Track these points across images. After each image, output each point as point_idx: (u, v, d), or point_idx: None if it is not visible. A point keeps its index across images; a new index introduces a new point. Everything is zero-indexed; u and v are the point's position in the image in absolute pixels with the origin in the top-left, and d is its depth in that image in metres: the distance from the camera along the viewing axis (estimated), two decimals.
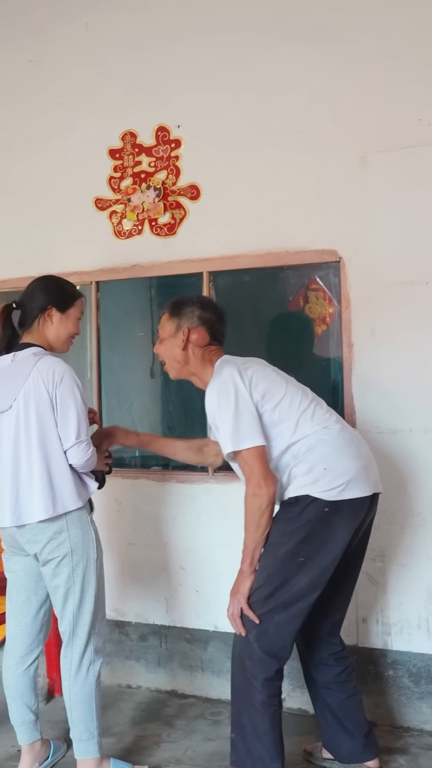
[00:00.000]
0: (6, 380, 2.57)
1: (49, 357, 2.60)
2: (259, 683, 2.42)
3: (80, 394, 2.57)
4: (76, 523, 2.57)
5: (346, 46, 3.09)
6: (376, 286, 3.06)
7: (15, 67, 3.75)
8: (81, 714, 2.60)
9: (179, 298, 2.74)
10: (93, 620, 2.61)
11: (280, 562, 2.43)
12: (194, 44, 3.36)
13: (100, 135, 3.55)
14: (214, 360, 2.66)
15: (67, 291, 2.72)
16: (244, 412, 2.44)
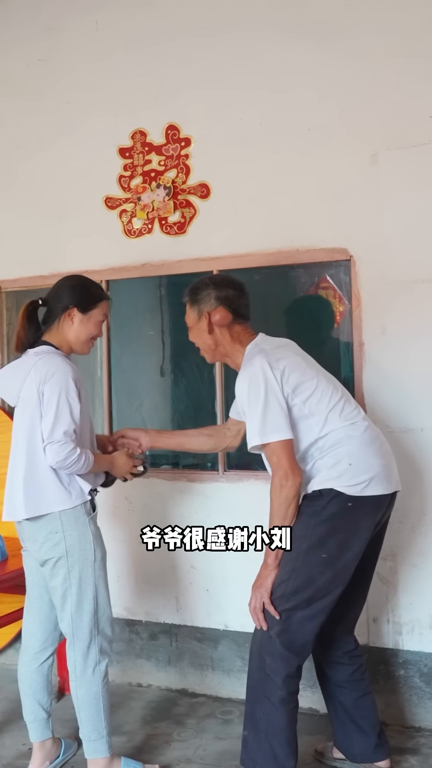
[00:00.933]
0: (12, 378, 2.63)
1: (52, 356, 2.58)
2: (279, 679, 2.42)
3: (69, 394, 2.51)
4: (72, 523, 2.55)
5: (356, 43, 3.08)
6: (387, 284, 3.04)
7: (25, 65, 3.75)
8: (89, 714, 2.60)
9: (195, 284, 2.72)
10: (94, 622, 2.60)
11: (304, 557, 2.42)
12: (204, 42, 3.35)
13: (110, 133, 3.55)
14: (244, 340, 2.65)
15: (91, 292, 2.70)
16: (273, 404, 2.43)
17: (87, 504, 2.59)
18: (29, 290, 3.78)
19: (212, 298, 2.65)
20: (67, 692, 3.42)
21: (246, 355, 2.60)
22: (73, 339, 2.68)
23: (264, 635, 2.46)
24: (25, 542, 2.65)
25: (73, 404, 2.51)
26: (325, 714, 3.12)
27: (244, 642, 3.30)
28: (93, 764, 2.63)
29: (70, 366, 2.57)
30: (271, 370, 2.47)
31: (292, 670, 2.44)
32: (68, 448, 2.47)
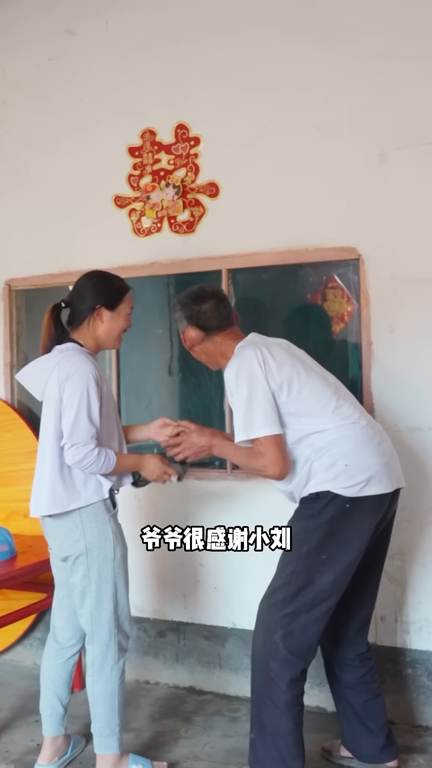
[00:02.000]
0: (37, 374, 2.64)
1: (74, 354, 2.58)
2: (284, 684, 2.41)
3: (89, 394, 2.50)
4: (92, 521, 2.56)
5: (365, 43, 3.08)
6: (396, 283, 3.04)
7: (35, 65, 3.77)
8: (103, 711, 2.61)
9: (173, 303, 2.75)
10: (113, 619, 2.60)
11: (304, 560, 2.42)
12: (213, 42, 3.36)
13: (120, 133, 3.56)
14: (231, 345, 2.63)
15: (115, 287, 2.69)
16: (260, 397, 2.41)
17: (107, 501, 2.59)
18: (39, 288, 3.80)
19: (183, 319, 2.65)
20: (75, 689, 3.43)
21: (237, 350, 2.58)
22: (104, 336, 2.68)
23: (267, 640, 2.44)
24: (48, 539, 2.67)
25: (92, 404, 2.51)
26: (332, 712, 3.13)
27: (251, 640, 3.30)
28: (102, 760, 2.65)
29: (91, 364, 2.56)
30: (259, 364, 2.44)
31: (296, 674, 2.43)
32: (87, 449, 2.48)
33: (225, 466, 3.36)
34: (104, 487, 2.58)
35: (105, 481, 2.58)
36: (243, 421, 2.42)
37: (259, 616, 2.52)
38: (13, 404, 3.86)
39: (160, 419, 2.82)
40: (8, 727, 3.12)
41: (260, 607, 2.53)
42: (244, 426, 2.42)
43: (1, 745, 2.99)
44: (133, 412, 3.62)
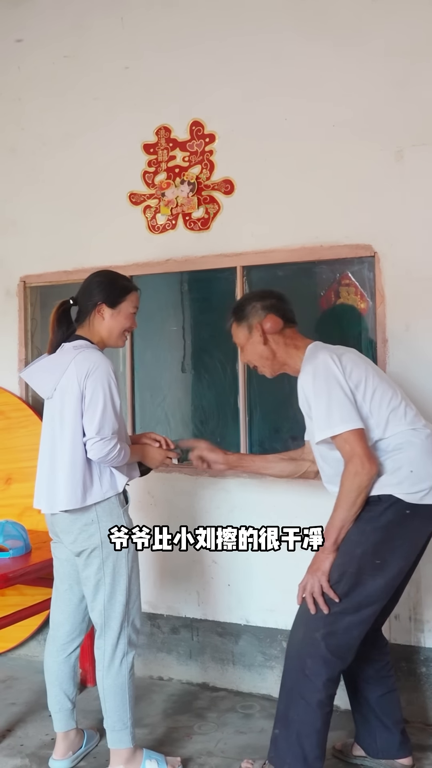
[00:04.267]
0: (48, 370, 2.65)
1: (90, 351, 2.61)
2: (320, 682, 2.37)
3: (111, 390, 2.55)
4: (107, 514, 2.59)
5: (382, 39, 3.06)
6: (412, 281, 3.03)
7: (51, 62, 3.78)
8: (114, 704, 2.63)
9: (236, 304, 2.74)
10: (125, 612, 2.63)
11: (357, 562, 2.37)
12: (229, 39, 3.35)
13: (135, 130, 3.56)
14: (299, 344, 2.62)
15: (118, 286, 2.71)
16: (339, 394, 2.39)
17: (120, 496, 2.63)
18: (53, 285, 3.81)
19: (259, 309, 2.63)
20: (89, 684, 3.45)
21: (307, 354, 2.56)
22: (105, 334, 2.70)
23: (307, 637, 2.39)
24: (59, 534, 2.68)
25: (116, 400, 2.56)
26: (346, 710, 3.12)
27: (265, 637, 3.31)
28: (116, 754, 2.66)
29: (108, 361, 2.59)
30: (335, 363, 2.43)
31: (334, 674, 2.39)
32: (112, 443, 2.53)
33: None
34: (119, 481, 2.61)
35: (120, 475, 2.62)
36: (325, 419, 2.39)
37: (300, 612, 2.47)
38: (27, 401, 3.88)
39: (148, 434, 2.89)
40: (23, 722, 3.14)
41: (302, 604, 2.47)
42: (327, 423, 2.38)
43: (16, 739, 3.01)
44: (147, 409, 3.63)
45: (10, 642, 3.80)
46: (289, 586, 3.23)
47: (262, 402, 3.37)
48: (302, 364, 2.55)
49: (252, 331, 2.64)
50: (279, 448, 3.33)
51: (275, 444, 3.35)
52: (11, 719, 3.16)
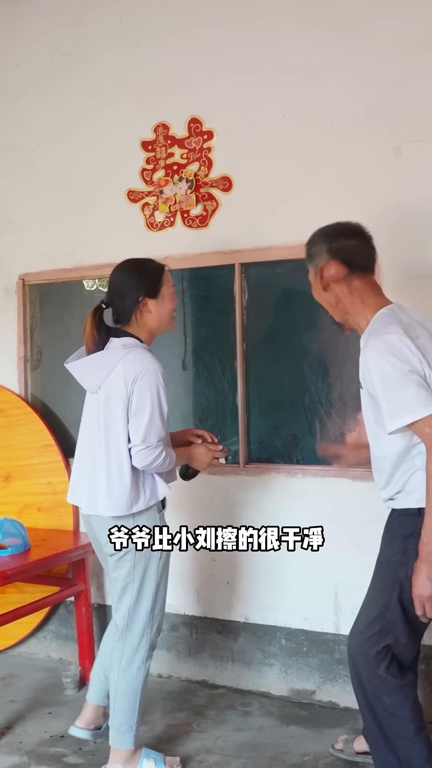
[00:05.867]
0: (96, 365, 2.58)
1: (140, 352, 2.54)
2: (408, 711, 2.24)
3: (160, 395, 2.50)
4: (143, 519, 2.57)
5: (380, 35, 3.05)
6: (409, 278, 3.02)
7: (49, 59, 3.77)
8: (124, 707, 2.62)
9: (311, 237, 2.44)
10: (149, 619, 2.61)
11: (401, 586, 2.22)
12: (227, 35, 3.34)
13: (133, 127, 3.56)
14: (368, 301, 2.33)
15: (150, 274, 2.63)
16: (413, 377, 2.11)
17: (158, 504, 2.62)
18: (52, 283, 3.81)
19: (324, 252, 2.35)
20: (88, 681, 3.45)
21: (377, 321, 2.27)
22: (156, 324, 2.65)
23: (371, 677, 2.26)
24: (96, 532, 2.65)
25: (164, 406, 2.51)
26: (344, 707, 3.13)
27: (264, 635, 3.31)
28: (116, 753, 2.66)
29: (158, 363, 2.55)
30: (411, 341, 2.15)
31: (414, 696, 2.27)
32: (157, 451, 2.50)
33: (238, 461, 3.36)
34: (161, 489, 2.59)
35: (162, 484, 2.59)
36: (399, 405, 2.11)
37: (354, 653, 2.34)
38: (26, 398, 3.88)
39: (190, 430, 2.90)
40: (22, 719, 3.15)
41: (353, 644, 2.34)
42: (401, 409, 2.11)
43: (15, 737, 3.01)
44: None
45: (9, 639, 3.80)
46: (288, 583, 3.25)
47: (260, 400, 3.36)
48: (368, 332, 2.27)
49: (315, 273, 2.40)
50: (278, 446, 3.33)
51: (274, 441, 3.35)
52: (10, 717, 3.17)
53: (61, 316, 3.86)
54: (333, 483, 3.16)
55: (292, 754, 2.81)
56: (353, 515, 3.11)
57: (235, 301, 3.36)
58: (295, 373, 3.29)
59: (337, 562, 3.13)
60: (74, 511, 3.70)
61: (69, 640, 3.72)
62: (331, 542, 3.12)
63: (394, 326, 2.20)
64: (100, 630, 3.66)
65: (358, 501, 3.10)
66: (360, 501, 3.09)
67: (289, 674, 3.26)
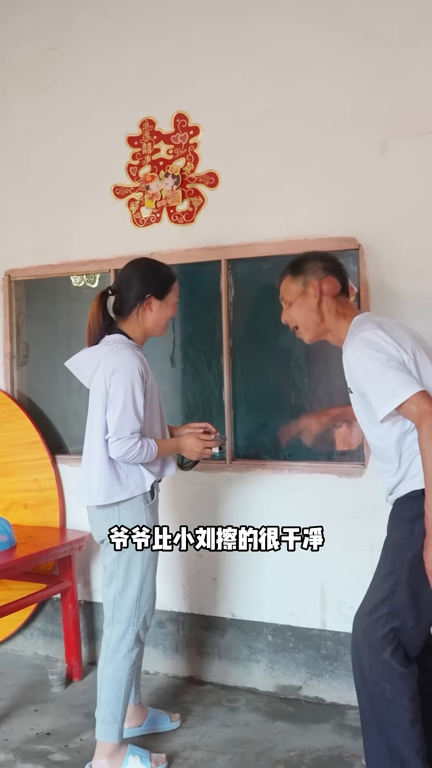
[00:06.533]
0: (85, 361, 2.68)
1: (120, 348, 2.60)
2: (406, 700, 2.22)
3: (134, 389, 2.54)
4: (128, 509, 2.61)
5: (367, 30, 3.05)
6: (396, 274, 3.02)
7: (34, 54, 3.75)
8: (109, 696, 2.64)
9: (297, 258, 2.55)
10: (135, 608, 2.63)
11: (409, 568, 2.23)
12: (213, 30, 3.33)
13: (119, 122, 3.54)
14: (348, 314, 2.46)
15: (164, 277, 2.70)
16: (392, 363, 2.20)
17: (146, 494, 2.64)
18: (39, 279, 3.80)
19: (320, 268, 2.48)
20: (74, 679, 3.45)
21: (353, 325, 2.40)
22: (152, 325, 2.71)
23: (375, 661, 2.25)
24: (89, 523, 2.73)
25: (137, 399, 2.55)
26: (330, 703, 3.14)
27: (250, 631, 3.31)
28: (101, 747, 2.66)
29: (137, 358, 2.58)
30: (382, 333, 2.27)
31: (414, 685, 2.25)
32: (131, 443, 2.54)
33: (224, 458, 3.36)
34: (147, 481, 2.62)
35: (149, 474, 2.62)
36: (384, 391, 2.19)
37: (358, 636, 2.31)
38: (13, 395, 3.86)
39: (189, 425, 2.88)
40: (8, 716, 3.14)
41: (358, 627, 2.31)
42: (387, 395, 2.18)
43: (0, 734, 3.00)
44: None
45: None
46: (274, 580, 3.25)
47: (247, 396, 3.36)
48: (347, 336, 2.39)
49: (307, 288, 2.47)
50: (266, 442, 3.34)
51: (262, 438, 3.35)
52: None
53: (48, 313, 3.84)
54: (320, 479, 3.16)
55: (278, 750, 2.81)
56: (339, 511, 3.12)
57: (222, 297, 3.35)
58: (282, 369, 3.29)
59: (324, 558, 3.13)
60: (60, 508, 3.69)
61: (55, 637, 3.71)
62: None
63: (368, 324, 2.34)
64: (86, 627, 3.66)
65: (344, 497, 3.11)
66: (346, 497, 3.10)
67: (276, 670, 3.26)
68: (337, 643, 3.14)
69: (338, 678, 3.14)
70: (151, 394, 2.65)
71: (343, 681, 3.13)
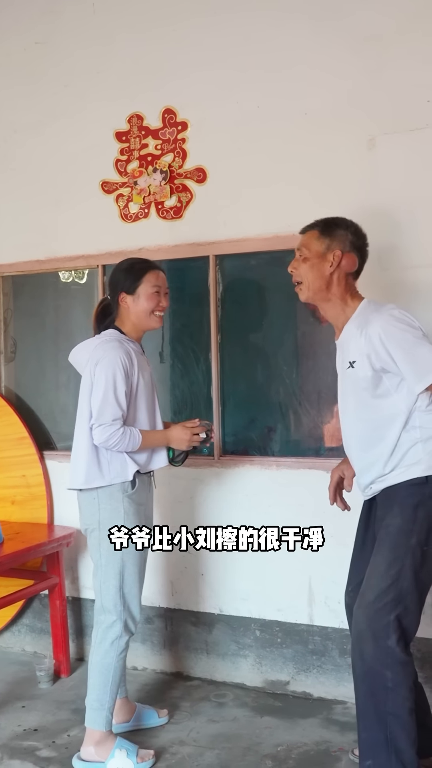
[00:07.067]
0: (81, 354, 2.82)
1: (107, 341, 2.70)
2: (406, 690, 2.23)
3: (116, 377, 2.61)
4: (107, 498, 2.66)
5: (354, 26, 3.05)
6: (383, 269, 3.02)
7: (22, 48, 3.73)
8: (96, 682, 2.69)
9: (330, 219, 2.51)
10: (119, 596, 2.67)
11: (412, 554, 2.27)
12: (202, 24, 3.32)
13: (107, 117, 3.53)
14: (354, 296, 2.49)
15: (132, 272, 2.77)
16: (427, 340, 2.30)
17: (126, 483, 2.67)
18: (27, 274, 3.78)
19: (348, 242, 2.46)
20: (62, 675, 3.45)
21: (371, 305, 2.44)
22: (135, 320, 2.78)
23: (378, 648, 2.24)
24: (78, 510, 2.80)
25: (118, 387, 2.62)
26: (318, 698, 3.15)
27: (238, 626, 3.31)
28: (89, 734, 2.71)
29: (120, 351, 2.65)
30: (408, 314, 2.36)
31: (413, 674, 2.28)
32: (112, 429, 2.61)
33: (212, 453, 3.36)
34: (129, 469, 2.67)
35: (131, 463, 2.67)
36: (421, 365, 2.27)
37: (362, 625, 2.29)
38: (0, 391, 3.85)
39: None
40: None
41: (362, 615, 2.30)
42: (426, 368, 2.26)
43: None
44: None
45: None
46: (262, 575, 3.26)
47: (235, 392, 3.36)
48: (361, 317, 2.41)
49: (327, 254, 2.45)
50: (254, 437, 3.34)
51: (250, 434, 3.35)
52: None
53: (36, 308, 3.83)
54: (307, 475, 3.17)
55: (265, 745, 2.82)
56: (327, 507, 3.11)
57: (210, 293, 3.35)
58: (270, 366, 3.29)
59: (311, 554, 3.10)
60: (48, 504, 3.68)
61: (43, 633, 3.70)
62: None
63: (391, 304, 2.42)
64: (74, 623, 3.66)
65: None
66: None
67: (264, 665, 3.27)
68: (324, 638, 3.15)
69: (326, 673, 3.16)
70: (141, 386, 2.72)
71: (330, 676, 3.14)
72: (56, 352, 3.76)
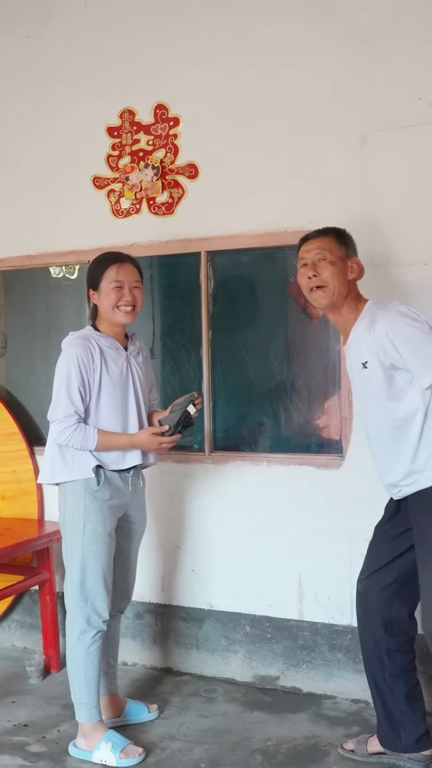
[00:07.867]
0: None
1: (71, 339, 2.73)
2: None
3: (69, 374, 2.63)
4: (70, 494, 2.69)
5: (346, 23, 3.05)
6: (374, 267, 3.03)
7: (13, 43, 3.72)
8: (73, 677, 2.73)
9: (339, 228, 2.62)
10: (80, 592, 2.67)
11: None
12: (195, 20, 3.32)
13: (99, 113, 3.52)
14: (361, 298, 2.59)
15: (96, 268, 2.78)
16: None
17: (89, 480, 2.66)
18: (18, 270, 3.77)
19: (356, 250, 2.62)
20: (52, 670, 3.45)
21: (375, 305, 2.51)
22: (104, 315, 2.77)
23: None
24: None
25: (72, 384, 2.62)
26: (307, 693, 3.16)
27: (228, 622, 3.32)
28: (79, 726, 2.77)
29: (79, 348, 2.65)
30: (414, 309, 2.42)
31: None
32: (63, 426, 2.62)
33: (203, 449, 3.36)
34: (90, 465, 2.66)
35: (93, 459, 2.66)
36: (428, 359, 2.32)
37: None
38: None
39: None
40: None
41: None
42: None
43: None
44: None
45: None
46: (252, 571, 3.27)
47: (226, 388, 3.37)
48: (368, 316, 2.48)
49: (347, 258, 2.56)
50: (244, 433, 3.35)
51: (240, 429, 3.36)
52: None
53: (26, 304, 3.83)
54: (298, 470, 3.18)
55: (255, 740, 2.83)
56: (317, 502, 3.14)
57: (201, 289, 3.35)
58: (261, 362, 3.30)
59: (301, 549, 3.16)
60: (38, 500, 3.67)
61: (33, 629, 3.70)
62: (295, 529, 3.17)
63: (395, 302, 2.48)
64: (64, 619, 3.64)
65: (322, 488, 3.12)
66: (324, 488, 3.12)
67: (253, 660, 3.28)
68: (314, 633, 3.17)
69: (315, 668, 3.17)
70: (106, 383, 2.68)
71: (319, 671, 3.16)
72: (47, 348, 3.75)
